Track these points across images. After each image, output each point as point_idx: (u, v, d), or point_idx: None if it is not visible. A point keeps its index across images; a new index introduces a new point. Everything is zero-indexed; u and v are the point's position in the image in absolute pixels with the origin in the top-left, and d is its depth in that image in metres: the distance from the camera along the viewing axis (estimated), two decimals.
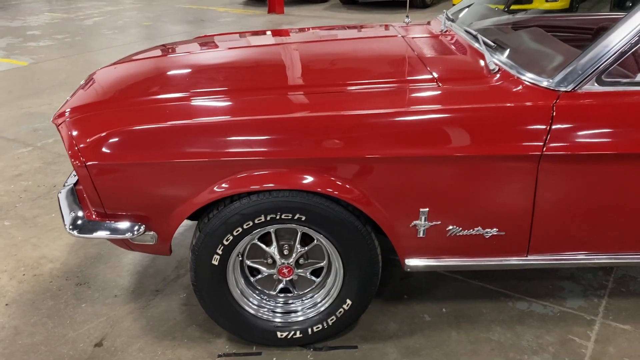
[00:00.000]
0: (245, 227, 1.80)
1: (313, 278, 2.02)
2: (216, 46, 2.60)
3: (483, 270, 2.42)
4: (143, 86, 2.10)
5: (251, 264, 1.98)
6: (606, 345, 2.00)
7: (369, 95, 1.86)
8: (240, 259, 1.95)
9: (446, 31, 2.53)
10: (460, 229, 1.86)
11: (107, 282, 2.44)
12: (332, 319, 1.98)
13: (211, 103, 1.85)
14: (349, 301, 1.95)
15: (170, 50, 2.56)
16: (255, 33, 2.92)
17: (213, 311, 1.96)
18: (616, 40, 1.75)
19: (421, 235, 1.87)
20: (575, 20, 3.02)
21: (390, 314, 2.20)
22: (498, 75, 1.89)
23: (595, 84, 1.76)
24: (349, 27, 2.98)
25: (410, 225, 1.85)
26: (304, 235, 1.93)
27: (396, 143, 1.72)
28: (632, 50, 1.74)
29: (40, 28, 9.17)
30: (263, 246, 1.93)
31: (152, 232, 1.86)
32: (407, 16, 3.05)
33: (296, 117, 1.75)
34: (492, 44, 2.09)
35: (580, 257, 1.95)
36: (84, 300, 2.32)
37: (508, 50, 2.11)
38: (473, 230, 1.87)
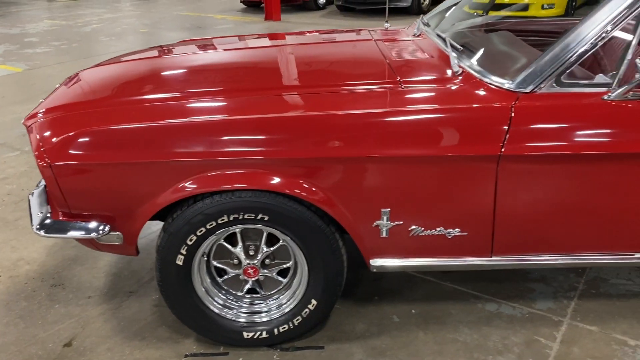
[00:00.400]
0: (208, 227, 1.82)
1: (280, 279, 2.03)
2: (196, 50, 2.63)
3: (454, 272, 2.43)
4: (118, 88, 2.14)
5: (217, 265, 2.00)
6: (571, 346, 2.00)
7: (332, 97, 1.88)
8: (206, 259, 1.97)
9: (419, 35, 2.56)
10: (423, 229, 1.88)
11: (82, 283, 2.46)
12: (298, 319, 1.99)
13: (177, 105, 1.87)
14: (314, 301, 1.97)
15: (154, 53, 2.60)
16: (230, 37, 2.96)
17: (179, 311, 1.98)
18: (574, 42, 1.77)
19: (384, 235, 1.88)
20: (551, 24, 3.04)
21: (360, 315, 2.21)
22: (461, 78, 1.91)
23: (555, 85, 1.78)
24: (323, 32, 3.01)
25: (373, 225, 1.86)
26: (270, 235, 1.95)
27: (356, 144, 1.74)
28: (590, 52, 1.76)
29: (39, 35, 9.26)
30: (229, 246, 1.95)
31: (117, 233, 1.88)
32: (387, 21, 3.08)
33: (258, 118, 1.78)
34: (459, 47, 2.12)
35: (545, 259, 1.96)
36: (58, 302, 2.34)
37: (475, 53, 2.13)
38: (435, 230, 1.88)
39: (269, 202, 1.78)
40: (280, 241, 1.93)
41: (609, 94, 1.75)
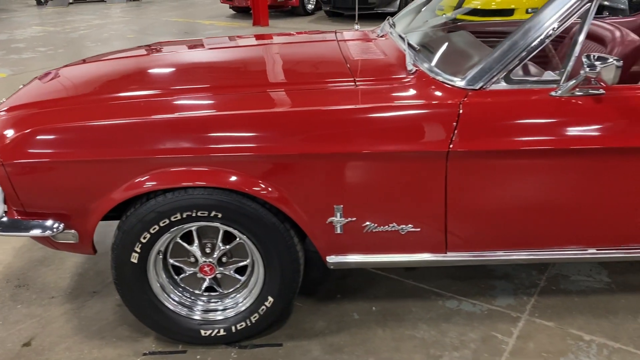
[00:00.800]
0: (161, 224, 1.83)
1: (237, 276, 2.04)
2: (164, 51, 2.65)
3: (417, 269, 2.45)
4: (85, 86, 2.16)
5: (174, 262, 2.00)
6: (527, 341, 2.02)
7: (287, 94, 1.90)
8: (162, 257, 1.98)
9: (382, 36, 2.58)
10: (376, 225, 1.89)
11: (46, 284, 2.46)
12: (255, 317, 2.00)
13: (135, 103, 1.89)
14: (270, 299, 1.97)
15: (126, 54, 2.62)
16: (196, 40, 2.98)
17: (137, 310, 1.98)
18: (522, 40, 1.79)
19: (339, 231, 1.90)
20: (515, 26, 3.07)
21: (321, 312, 2.22)
22: (414, 76, 1.93)
23: (503, 82, 1.81)
24: (291, 34, 3.03)
25: (327, 222, 1.88)
26: (227, 233, 1.96)
27: (308, 140, 1.76)
28: (537, 49, 1.79)
29: (26, 41, 9.26)
30: (185, 244, 1.96)
31: (72, 231, 1.89)
32: (357, 23, 3.12)
33: (210, 116, 1.79)
34: (416, 46, 2.14)
35: (500, 254, 1.98)
36: (21, 302, 2.34)
37: (431, 52, 2.16)
38: (389, 226, 1.89)
39: (223, 199, 1.80)
40: (237, 239, 1.94)
41: (557, 90, 1.77)
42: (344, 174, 1.81)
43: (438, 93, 1.82)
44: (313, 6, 11.97)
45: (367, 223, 1.89)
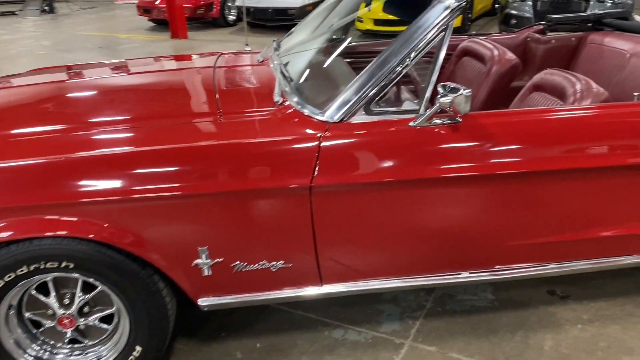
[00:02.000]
0: (7, 279, 1.69)
1: (104, 325, 1.92)
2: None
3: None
4: None
5: (31, 317, 1.86)
6: None
7: (145, 131, 1.81)
8: (13, 312, 1.83)
9: (263, 61, 2.53)
10: (246, 263, 1.83)
11: None
12: None
13: None
14: (139, 348, 1.86)
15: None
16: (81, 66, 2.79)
17: None
18: (379, 70, 1.79)
19: (207, 273, 1.82)
20: None
21: (202, 353, 2.12)
22: (280, 108, 1.89)
23: (364, 114, 1.79)
24: (168, 58, 2.93)
25: (193, 265, 1.79)
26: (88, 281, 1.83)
27: (163, 180, 1.67)
28: (396, 80, 1.79)
29: None
30: (40, 296, 1.82)
31: None
32: (247, 44, 3.05)
33: (53, 160, 1.67)
34: (288, 75, 2.10)
35: (375, 283, 1.97)
36: None
37: (303, 81, 2.12)
38: (259, 264, 1.84)
39: (73, 248, 1.67)
40: (99, 287, 1.82)
41: (415, 120, 1.78)
42: (206, 214, 1.73)
43: (301, 127, 1.78)
44: (235, 17, 11.84)
45: (237, 263, 1.82)
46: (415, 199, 1.81)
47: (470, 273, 2.00)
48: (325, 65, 2.33)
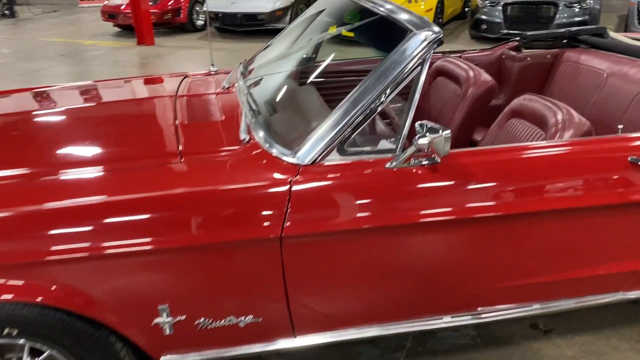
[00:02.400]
0: None
1: None
2: None
3: None
4: None
5: None
6: None
7: (92, 180, 1.65)
8: None
9: (229, 88, 2.38)
10: (211, 320, 1.68)
11: None
12: None
13: None
14: None
15: None
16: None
17: None
18: (353, 108, 1.66)
19: (168, 332, 1.66)
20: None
21: None
22: (246, 148, 1.75)
23: (337, 155, 1.66)
24: (129, 81, 2.74)
25: (153, 324, 1.64)
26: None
27: (113, 237, 1.51)
28: (370, 118, 1.67)
29: None
30: None
31: None
32: (212, 65, 2.87)
33: None
34: (255, 106, 1.96)
35: (352, 332, 1.84)
36: None
37: (271, 113, 1.98)
38: (225, 320, 1.69)
39: (14, 313, 1.50)
40: (47, 351, 1.65)
41: (392, 161, 1.65)
42: (164, 270, 1.58)
43: (269, 170, 1.64)
44: (203, 22, 11.58)
45: (201, 320, 1.67)
46: (394, 244, 1.69)
47: (452, 317, 1.89)
48: (295, 96, 2.19)
